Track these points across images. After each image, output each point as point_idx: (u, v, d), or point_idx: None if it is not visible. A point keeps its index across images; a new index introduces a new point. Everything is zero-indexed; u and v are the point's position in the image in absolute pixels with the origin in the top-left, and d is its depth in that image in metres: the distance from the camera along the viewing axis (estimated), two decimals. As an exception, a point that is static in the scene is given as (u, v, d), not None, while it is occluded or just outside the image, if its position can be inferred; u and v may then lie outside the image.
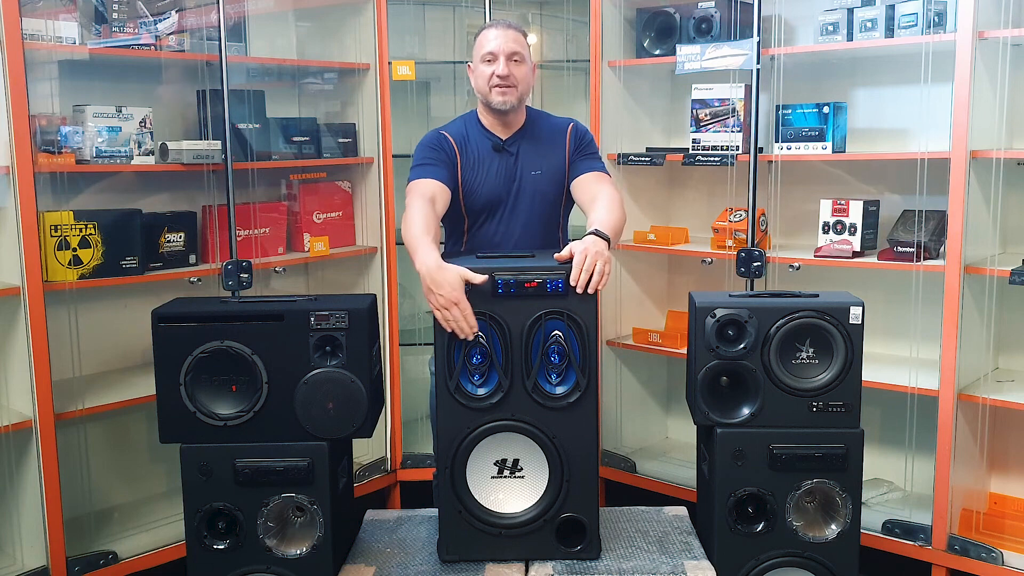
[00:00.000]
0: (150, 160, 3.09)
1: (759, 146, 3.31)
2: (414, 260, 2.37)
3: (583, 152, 2.74)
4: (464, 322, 2.30)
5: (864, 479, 2.52)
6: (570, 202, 2.79)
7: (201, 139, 3.25)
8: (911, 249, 3.06)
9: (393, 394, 3.73)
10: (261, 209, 3.46)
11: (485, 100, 2.67)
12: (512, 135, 2.72)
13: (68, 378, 2.99)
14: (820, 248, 3.28)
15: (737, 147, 3.39)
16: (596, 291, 2.34)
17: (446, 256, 2.45)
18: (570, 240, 2.84)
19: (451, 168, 2.66)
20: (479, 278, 2.30)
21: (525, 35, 2.69)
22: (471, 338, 2.32)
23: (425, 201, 2.53)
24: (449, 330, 2.33)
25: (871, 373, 2.83)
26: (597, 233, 2.40)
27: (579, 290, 2.32)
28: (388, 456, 3.78)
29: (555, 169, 2.72)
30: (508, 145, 2.70)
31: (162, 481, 3.45)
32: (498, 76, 2.61)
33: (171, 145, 3.09)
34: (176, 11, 3.15)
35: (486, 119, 2.73)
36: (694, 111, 3.50)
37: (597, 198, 2.61)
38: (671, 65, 3.52)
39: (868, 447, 2.58)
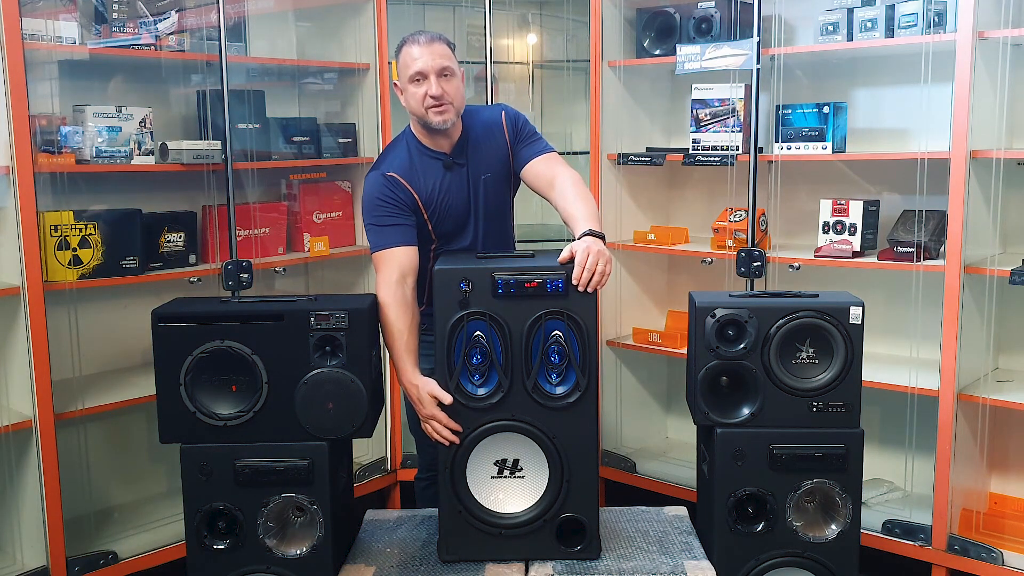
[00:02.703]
0: (150, 160, 3.09)
1: (759, 146, 3.31)
2: (398, 376, 2.53)
3: (523, 136, 2.68)
4: (442, 432, 2.40)
5: (864, 479, 2.52)
6: (517, 184, 2.75)
7: (201, 139, 3.25)
8: (911, 249, 3.06)
9: (393, 394, 3.73)
10: (261, 209, 3.46)
11: (422, 121, 2.56)
12: (455, 145, 2.63)
13: (68, 378, 2.99)
14: (820, 248, 3.28)
15: (737, 147, 3.39)
16: (597, 290, 2.34)
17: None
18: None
19: (412, 214, 2.57)
20: (447, 398, 2.37)
21: (450, 43, 2.57)
22: (455, 442, 2.42)
23: (396, 290, 2.48)
24: (434, 440, 2.44)
25: (871, 373, 2.83)
26: (592, 233, 2.40)
27: (581, 288, 2.32)
28: (388, 456, 3.78)
29: (500, 165, 2.67)
30: (456, 158, 2.63)
31: (162, 481, 3.45)
32: (432, 97, 2.50)
33: (171, 145, 3.09)
34: (176, 11, 3.15)
35: (426, 138, 2.62)
36: (694, 111, 3.50)
37: (558, 184, 2.57)
38: (671, 65, 3.52)
39: (868, 447, 2.58)
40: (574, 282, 2.32)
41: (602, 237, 2.40)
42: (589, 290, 2.33)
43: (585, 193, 2.55)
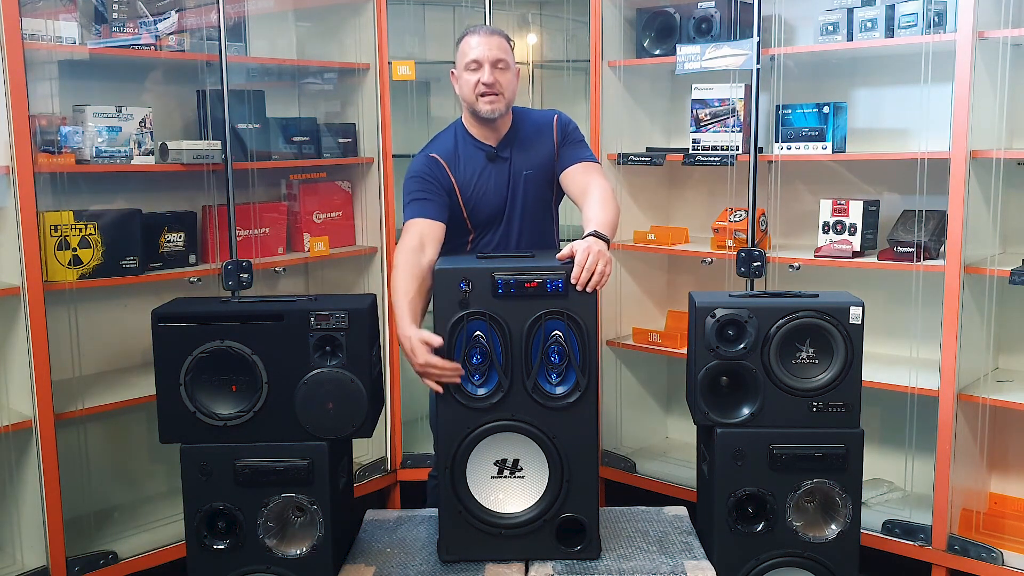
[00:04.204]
0: (150, 160, 3.09)
1: (759, 146, 3.31)
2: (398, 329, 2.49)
3: (569, 141, 2.73)
4: (446, 376, 2.36)
5: (864, 479, 2.52)
6: (561, 193, 2.78)
7: (201, 139, 3.25)
8: (911, 249, 3.06)
9: (393, 394, 3.73)
10: (261, 209, 3.46)
11: (472, 108, 2.64)
12: (502, 140, 2.69)
13: (68, 378, 2.99)
14: (820, 248, 3.28)
15: (737, 147, 3.39)
16: (596, 291, 2.35)
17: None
18: (561, 236, 2.88)
19: (446, 195, 2.64)
20: (437, 340, 2.35)
21: (509, 40, 2.65)
22: (458, 381, 2.37)
23: (412, 256, 2.51)
24: (438, 389, 2.39)
25: (871, 373, 2.83)
26: (596, 234, 2.41)
27: (579, 288, 2.32)
28: (388, 456, 3.78)
29: (545, 164, 2.71)
30: (501, 151, 2.68)
31: (162, 481, 3.45)
32: (484, 84, 2.58)
33: (171, 145, 3.09)
34: (176, 11, 3.15)
35: (474, 128, 2.69)
36: (694, 111, 3.50)
37: (588, 191, 2.60)
38: (671, 65, 3.52)
39: (868, 447, 2.58)
40: (572, 281, 2.32)
41: (607, 241, 2.41)
42: (588, 290, 2.33)
43: (610, 202, 2.57)
